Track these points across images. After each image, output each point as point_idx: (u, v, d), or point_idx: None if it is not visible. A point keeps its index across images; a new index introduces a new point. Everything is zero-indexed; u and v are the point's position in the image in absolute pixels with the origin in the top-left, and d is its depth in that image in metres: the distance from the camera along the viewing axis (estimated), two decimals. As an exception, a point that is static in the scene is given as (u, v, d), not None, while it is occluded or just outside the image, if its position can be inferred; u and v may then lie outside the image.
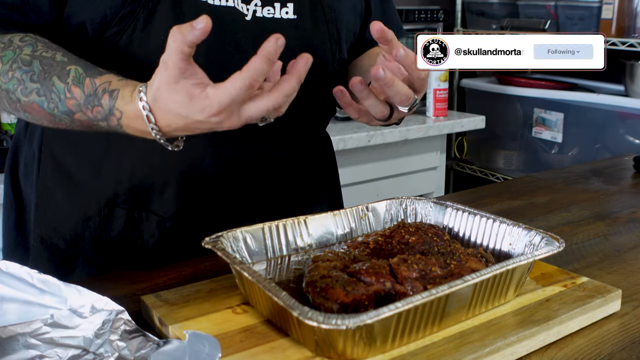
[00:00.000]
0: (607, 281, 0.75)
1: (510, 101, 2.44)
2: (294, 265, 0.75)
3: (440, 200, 0.85)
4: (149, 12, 0.80)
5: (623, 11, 2.06)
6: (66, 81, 0.72)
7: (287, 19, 0.89)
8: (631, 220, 1.03)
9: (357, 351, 0.57)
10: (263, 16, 0.87)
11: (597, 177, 1.30)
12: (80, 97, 0.71)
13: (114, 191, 0.87)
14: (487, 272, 0.62)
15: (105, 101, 0.70)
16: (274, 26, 0.88)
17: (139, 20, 0.80)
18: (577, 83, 2.39)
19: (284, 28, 0.88)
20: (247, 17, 0.85)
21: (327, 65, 0.95)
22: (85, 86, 0.71)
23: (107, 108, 0.70)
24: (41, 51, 0.75)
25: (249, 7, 0.85)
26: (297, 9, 0.89)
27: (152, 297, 0.69)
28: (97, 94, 0.70)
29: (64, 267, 0.90)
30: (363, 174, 2.05)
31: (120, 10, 0.79)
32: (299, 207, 0.99)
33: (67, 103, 0.72)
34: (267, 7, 0.87)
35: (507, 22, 2.45)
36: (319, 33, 0.93)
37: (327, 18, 0.93)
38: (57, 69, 0.73)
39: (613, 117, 2.16)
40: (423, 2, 2.60)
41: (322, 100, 0.96)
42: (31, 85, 0.73)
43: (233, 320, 0.64)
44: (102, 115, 0.71)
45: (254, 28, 0.86)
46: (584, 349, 0.64)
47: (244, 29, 0.85)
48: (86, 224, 0.88)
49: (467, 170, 2.65)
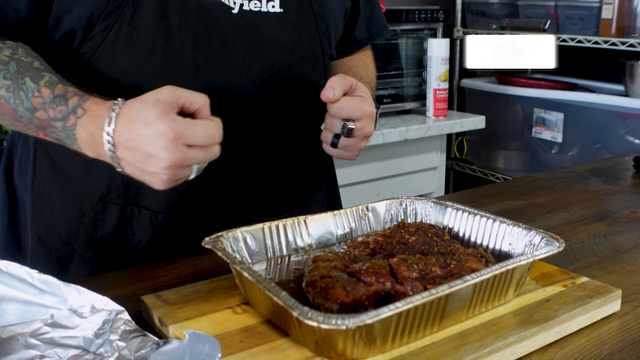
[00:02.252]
0: (607, 281, 0.75)
1: (510, 101, 2.44)
2: (294, 265, 0.75)
3: (440, 200, 0.85)
4: (134, 7, 0.81)
5: (623, 11, 2.06)
6: (38, 82, 0.74)
7: (274, 12, 0.90)
8: (631, 220, 1.03)
9: (357, 351, 0.57)
10: (250, 9, 0.88)
11: (597, 177, 1.30)
12: (48, 96, 0.73)
13: (106, 187, 0.88)
14: (487, 272, 0.62)
15: (74, 101, 0.72)
16: (261, 19, 0.89)
17: (125, 16, 0.81)
18: (577, 83, 2.39)
19: (270, 21, 0.89)
20: (233, 11, 0.86)
21: (318, 59, 0.96)
22: (56, 89, 0.73)
23: (72, 106, 0.72)
24: (20, 55, 0.77)
25: (235, 1, 0.86)
26: (284, 2, 0.90)
27: (152, 297, 0.69)
28: (66, 96, 0.73)
29: (60, 266, 0.90)
30: (363, 174, 2.05)
31: (106, 7, 0.80)
32: (295, 201, 0.99)
33: (33, 101, 0.74)
34: (253, 0, 0.88)
35: (507, 22, 2.45)
36: (307, 27, 0.93)
37: (315, 12, 0.94)
38: (32, 72, 0.75)
39: (613, 117, 2.16)
40: (423, 2, 2.60)
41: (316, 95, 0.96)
42: (2, 82, 0.75)
43: (233, 320, 0.64)
44: (62, 115, 0.72)
45: (241, 21, 0.87)
46: (584, 349, 0.64)
47: (230, 22, 0.86)
48: (81, 221, 0.89)
49: (467, 170, 2.65)
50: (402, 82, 2.23)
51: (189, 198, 0.90)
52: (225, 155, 0.90)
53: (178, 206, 0.89)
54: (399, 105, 2.20)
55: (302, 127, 0.98)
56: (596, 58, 2.51)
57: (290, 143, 0.96)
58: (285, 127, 0.94)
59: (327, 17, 0.96)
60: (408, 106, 2.22)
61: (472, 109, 2.51)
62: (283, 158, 0.96)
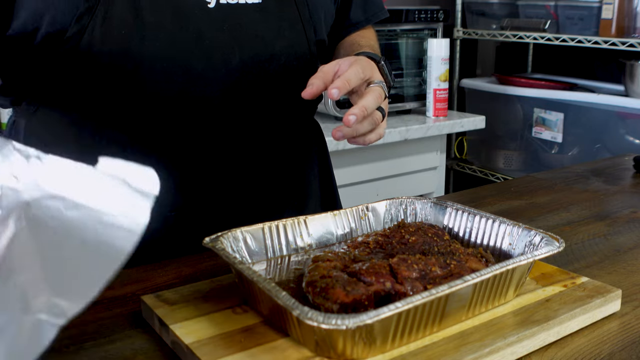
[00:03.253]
0: (607, 281, 0.75)
1: (510, 101, 2.44)
2: (294, 265, 0.75)
3: (440, 200, 0.85)
4: (106, 7, 0.80)
5: (623, 11, 2.06)
6: None
7: (252, 3, 0.89)
8: (631, 220, 1.03)
9: (357, 351, 0.57)
10: (227, 2, 0.87)
11: (597, 177, 1.30)
12: None
13: None
14: (487, 272, 0.62)
15: None
16: (238, 12, 0.88)
17: (98, 17, 0.80)
18: (577, 83, 2.39)
19: (248, 13, 0.89)
20: (210, 5, 0.86)
21: (303, 48, 0.95)
22: None
23: None
24: None
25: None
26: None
27: (152, 297, 0.69)
28: None
29: None
30: (363, 174, 2.05)
31: (78, 9, 0.79)
32: (291, 194, 0.99)
33: None
34: None
35: (507, 22, 2.45)
36: (288, 15, 0.93)
37: (297, 0, 0.93)
38: None
39: (613, 117, 2.16)
40: (423, 2, 2.60)
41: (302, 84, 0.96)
42: None
43: (233, 320, 0.64)
44: None
45: (218, 15, 0.86)
46: (584, 349, 0.64)
47: (206, 17, 0.85)
48: None
49: (467, 170, 2.65)
50: (402, 82, 2.23)
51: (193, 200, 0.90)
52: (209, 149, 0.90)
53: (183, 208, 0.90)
54: (399, 105, 2.20)
55: (289, 118, 0.98)
56: (596, 58, 2.51)
57: (278, 134, 0.96)
58: (271, 119, 0.94)
59: (310, 3, 0.95)
60: (408, 106, 2.22)
61: (472, 109, 2.51)
62: (273, 151, 0.96)
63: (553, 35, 2.25)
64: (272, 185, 0.97)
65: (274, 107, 0.93)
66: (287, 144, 0.98)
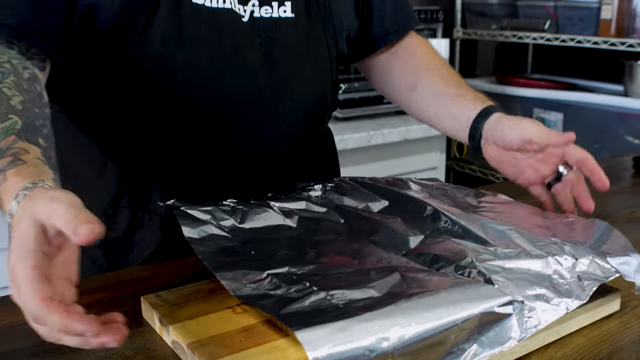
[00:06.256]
0: (607, 281, 0.75)
1: (510, 101, 2.44)
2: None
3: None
4: (147, 17, 0.79)
5: (623, 11, 2.06)
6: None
7: (285, 17, 0.88)
8: (630, 220, 1.03)
9: (357, 351, 0.57)
10: (261, 16, 0.86)
11: (596, 177, 1.30)
12: None
13: (117, 191, 0.87)
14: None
15: (3, 163, 0.61)
16: (272, 26, 0.87)
17: (138, 27, 0.79)
18: (577, 83, 2.39)
19: (281, 27, 0.88)
20: (244, 19, 0.85)
21: (325, 63, 0.95)
22: (4, 140, 0.63)
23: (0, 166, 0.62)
24: (3, 85, 0.68)
25: (245, 8, 0.85)
26: (295, 6, 0.89)
27: (152, 297, 0.69)
28: (4, 152, 0.62)
29: None
30: (363, 174, 2.03)
31: (118, 19, 0.78)
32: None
33: None
34: (265, 6, 0.87)
35: (507, 22, 2.45)
36: (316, 30, 0.92)
37: (322, 15, 0.93)
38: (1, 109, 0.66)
39: (613, 117, 2.16)
40: (423, 2, 2.60)
41: (321, 97, 0.96)
42: None
43: (233, 320, 0.64)
44: None
45: (251, 30, 0.86)
46: (584, 348, 0.64)
47: (240, 30, 0.85)
48: None
49: (467, 170, 2.65)
50: (402, 82, 2.23)
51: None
52: (231, 162, 0.90)
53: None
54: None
55: (310, 130, 0.98)
56: (596, 58, 2.51)
57: (298, 146, 0.96)
58: (293, 130, 0.94)
59: (334, 19, 0.95)
60: (408, 106, 2.22)
61: (472, 109, 2.50)
62: (292, 162, 0.96)
63: (552, 35, 2.25)
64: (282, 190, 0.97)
65: (296, 121, 0.93)
66: (305, 155, 0.98)
